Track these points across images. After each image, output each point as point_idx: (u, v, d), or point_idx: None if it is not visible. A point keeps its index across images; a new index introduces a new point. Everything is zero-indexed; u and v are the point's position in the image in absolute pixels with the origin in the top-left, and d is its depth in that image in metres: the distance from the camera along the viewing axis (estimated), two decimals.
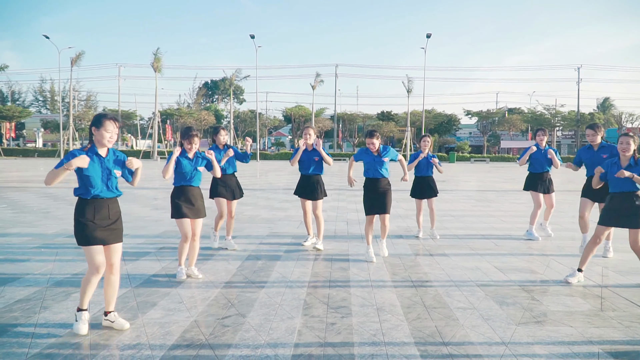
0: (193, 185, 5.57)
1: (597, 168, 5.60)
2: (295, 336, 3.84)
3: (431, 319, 4.25)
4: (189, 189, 5.53)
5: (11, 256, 6.54)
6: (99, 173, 3.81)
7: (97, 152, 3.83)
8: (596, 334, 3.94)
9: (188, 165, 5.49)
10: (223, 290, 5.09)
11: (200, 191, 5.66)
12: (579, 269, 5.48)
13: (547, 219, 8.32)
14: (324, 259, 6.55)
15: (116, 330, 3.93)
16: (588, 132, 6.87)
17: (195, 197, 5.54)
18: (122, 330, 3.89)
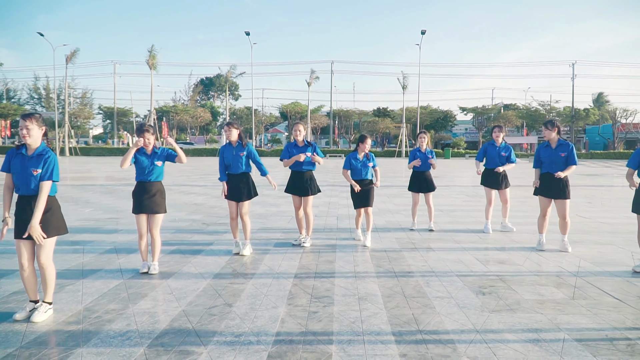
0: (152, 180, 5.65)
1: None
2: (278, 324, 4.04)
3: (409, 307, 4.45)
4: (146, 185, 5.63)
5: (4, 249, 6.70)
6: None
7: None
8: (564, 320, 4.15)
9: (145, 160, 5.62)
10: (212, 282, 5.27)
11: (160, 186, 5.71)
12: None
13: (505, 216, 8.45)
14: (312, 252, 6.74)
15: (106, 320, 4.11)
16: (543, 130, 6.95)
17: (152, 193, 5.60)
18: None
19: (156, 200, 5.63)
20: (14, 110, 71.27)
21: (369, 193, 7.36)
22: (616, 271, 5.80)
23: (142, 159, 5.62)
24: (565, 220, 6.79)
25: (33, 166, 4.12)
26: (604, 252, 6.84)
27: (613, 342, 3.69)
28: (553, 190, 6.75)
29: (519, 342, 3.67)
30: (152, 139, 5.61)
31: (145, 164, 5.61)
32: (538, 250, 6.89)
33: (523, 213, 10.71)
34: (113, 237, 7.80)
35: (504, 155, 8.19)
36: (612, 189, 17.34)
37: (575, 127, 70.52)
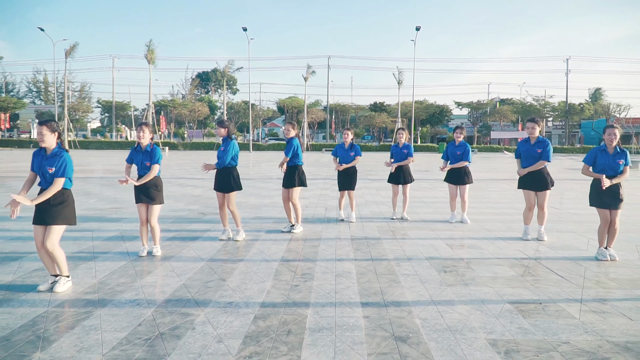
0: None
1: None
2: (264, 294, 4.75)
3: (378, 282, 5.17)
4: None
5: (25, 235, 7.40)
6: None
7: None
8: (509, 292, 4.87)
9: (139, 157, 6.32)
10: (208, 263, 5.98)
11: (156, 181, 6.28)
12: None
13: (464, 210, 9.00)
14: (299, 239, 7.45)
15: (118, 290, 4.82)
16: (528, 125, 7.39)
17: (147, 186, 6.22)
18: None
19: (152, 193, 6.28)
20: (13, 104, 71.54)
21: (351, 178, 8.97)
22: (569, 255, 6.52)
23: (136, 156, 6.31)
24: (543, 210, 7.36)
25: (49, 165, 4.81)
26: (564, 238, 7.57)
27: (545, 308, 4.41)
28: (535, 183, 7.26)
29: (465, 308, 4.39)
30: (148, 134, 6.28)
31: (137, 160, 6.30)
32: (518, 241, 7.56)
33: (500, 204, 11.43)
34: (118, 225, 8.50)
35: (458, 154, 8.95)
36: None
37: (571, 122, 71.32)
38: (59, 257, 4.84)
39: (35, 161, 4.93)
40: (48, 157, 4.86)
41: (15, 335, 3.74)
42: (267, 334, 3.78)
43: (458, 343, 3.63)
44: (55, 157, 4.85)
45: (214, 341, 3.64)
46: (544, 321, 4.09)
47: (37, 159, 4.93)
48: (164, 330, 3.83)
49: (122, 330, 3.83)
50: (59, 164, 4.81)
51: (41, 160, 4.87)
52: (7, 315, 4.14)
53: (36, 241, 4.81)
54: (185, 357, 3.37)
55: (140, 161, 6.27)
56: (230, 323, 4.00)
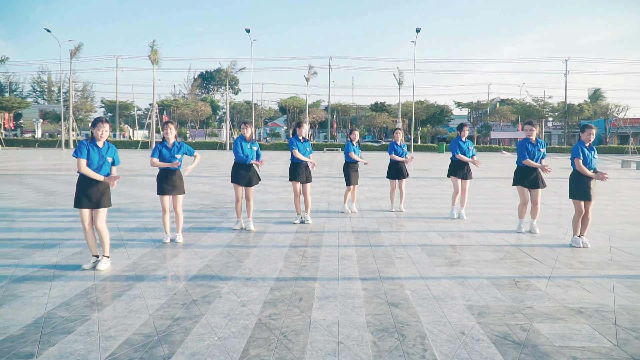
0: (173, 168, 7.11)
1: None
2: (277, 272, 5.52)
3: (375, 263, 5.94)
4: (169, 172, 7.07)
5: (55, 226, 8.17)
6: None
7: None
8: (488, 271, 5.64)
9: (167, 153, 7.06)
10: (226, 248, 6.75)
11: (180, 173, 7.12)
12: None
13: (463, 205, 9.63)
14: (305, 229, 8.22)
15: (150, 269, 5.60)
16: (527, 128, 8.03)
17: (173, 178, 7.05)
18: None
19: (177, 183, 7.09)
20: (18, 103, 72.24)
21: (358, 174, 10.14)
22: (547, 243, 7.28)
23: (165, 152, 7.07)
24: (536, 206, 8.06)
25: (109, 155, 5.61)
26: (546, 229, 8.33)
27: (517, 283, 5.18)
28: (530, 181, 7.92)
29: (449, 283, 5.16)
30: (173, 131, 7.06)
31: (167, 156, 7.06)
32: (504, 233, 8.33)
33: (492, 200, 12.19)
34: (138, 217, 9.27)
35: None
36: None
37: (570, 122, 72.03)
38: (106, 236, 5.64)
39: (90, 153, 5.55)
40: (105, 149, 5.64)
41: (74, 301, 4.51)
42: (282, 300, 4.56)
43: (440, 307, 4.40)
44: (110, 149, 5.65)
45: (239, 305, 4.41)
46: (514, 292, 4.86)
47: (93, 151, 5.57)
48: (196, 298, 4.61)
49: (161, 298, 4.60)
50: (115, 154, 5.72)
51: (98, 152, 5.59)
52: (62, 287, 4.91)
53: (84, 223, 5.57)
54: (217, 316, 4.14)
55: (170, 156, 7.03)
56: (251, 293, 4.77)
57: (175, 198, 7.11)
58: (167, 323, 3.99)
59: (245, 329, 3.88)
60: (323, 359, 3.35)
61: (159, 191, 7.10)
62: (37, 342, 3.60)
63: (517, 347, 3.57)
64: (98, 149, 5.62)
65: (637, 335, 3.81)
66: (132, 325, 3.95)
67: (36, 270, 5.53)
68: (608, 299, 4.69)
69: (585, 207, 6.99)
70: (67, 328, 3.88)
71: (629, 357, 3.41)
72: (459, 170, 9.51)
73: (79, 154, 5.51)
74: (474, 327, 3.93)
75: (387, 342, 3.64)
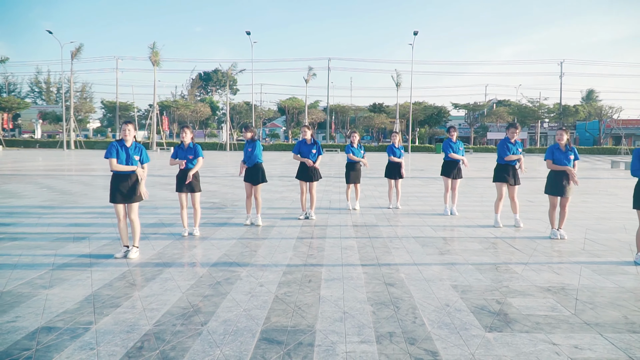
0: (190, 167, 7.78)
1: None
2: (288, 260, 6.27)
3: (374, 252, 6.69)
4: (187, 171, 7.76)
5: (81, 221, 8.91)
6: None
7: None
8: (473, 259, 6.39)
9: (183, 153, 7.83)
10: (240, 240, 7.50)
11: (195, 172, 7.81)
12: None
13: (454, 202, 10.36)
14: (309, 224, 8.96)
15: (175, 258, 6.34)
16: (512, 130, 8.72)
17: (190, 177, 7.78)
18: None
19: (193, 183, 7.82)
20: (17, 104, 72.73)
21: (358, 173, 10.77)
22: (529, 235, 8.04)
23: (180, 153, 7.81)
24: (514, 201, 8.88)
25: (135, 154, 6.33)
26: (530, 224, 9.09)
27: (497, 268, 5.93)
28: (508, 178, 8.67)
29: (438, 268, 5.91)
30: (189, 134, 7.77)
31: (182, 156, 7.79)
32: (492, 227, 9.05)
33: (483, 198, 12.96)
34: (155, 213, 10.01)
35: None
36: None
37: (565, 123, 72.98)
38: (138, 228, 6.41)
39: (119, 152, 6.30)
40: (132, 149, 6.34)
41: (115, 283, 5.26)
42: (294, 282, 5.31)
43: (430, 286, 5.15)
44: (136, 148, 6.36)
45: (258, 285, 5.16)
46: (494, 275, 5.62)
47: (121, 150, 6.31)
48: (220, 280, 5.35)
49: (190, 280, 5.35)
50: (143, 153, 6.36)
51: (126, 151, 6.33)
52: (101, 272, 5.65)
53: (119, 216, 6.31)
54: (240, 294, 4.89)
55: (184, 156, 7.76)
56: (267, 276, 5.52)
57: (193, 196, 7.84)
58: (198, 299, 4.73)
59: (265, 302, 4.63)
60: (332, 324, 4.10)
61: (177, 188, 7.83)
62: (92, 314, 4.34)
63: (491, 315, 4.33)
64: (126, 148, 6.36)
65: (593, 307, 4.57)
66: (170, 300, 4.69)
67: (74, 259, 6.27)
68: (574, 280, 5.45)
69: (561, 203, 7.74)
70: (115, 303, 4.62)
71: (582, 322, 4.17)
72: (450, 170, 10.24)
73: (109, 155, 6.25)
74: (457, 301, 4.69)
75: (385, 312, 4.39)
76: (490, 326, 4.07)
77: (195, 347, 3.62)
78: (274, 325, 4.06)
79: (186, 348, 3.60)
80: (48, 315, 4.27)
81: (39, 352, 3.52)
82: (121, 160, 6.28)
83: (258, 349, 3.60)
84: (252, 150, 8.65)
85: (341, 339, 3.77)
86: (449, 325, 4.08)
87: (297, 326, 4.04)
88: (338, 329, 3.98)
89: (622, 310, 4.51)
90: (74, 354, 3.49)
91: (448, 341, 3.75)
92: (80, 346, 3.63)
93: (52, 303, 4.59)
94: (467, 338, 3.81)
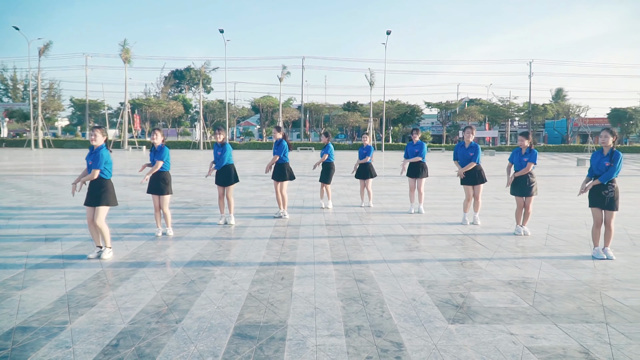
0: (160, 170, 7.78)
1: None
2: (261, 258, 6.41)
3: (345, 250, 6.88)
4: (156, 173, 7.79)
5: (51, 222, 8.86)
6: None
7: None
8: (440, 255, 6.64)
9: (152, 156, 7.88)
10: (213, 240, 7.59)
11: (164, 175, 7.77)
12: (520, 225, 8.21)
13: (421, 201, 10.60)
14: (282, 224, 9.10)
15: (149, 257, 6.41)
16: (467, 131, 9.07)
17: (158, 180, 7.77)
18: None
19: (160, 186, 7.85)
20: None
21: (327, 173, 10.92)
22: (495, 232, 8.35)
23: (150, 155, 7.87)
24: (478, 200, 9.19)
25: (89, 159, 6.36)
26: (496, 221, 9.42)
27: (463, 264, 6.19)
28: (471, 179, 8.98)
29: (407, 264, 6.13)
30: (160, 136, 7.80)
31: (151, 158, 7.85)
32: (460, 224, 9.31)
33: (453, 196, 13.31)
34: (128, 213, 10.01)
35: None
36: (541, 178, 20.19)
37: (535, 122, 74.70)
38: (105, 231, 6.40)
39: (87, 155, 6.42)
40: (94, 152, 6.37)
41: (88, 283, 5.31)
42: (267, 279, 5.45)
43: (398, 282, 5.36)
44: (94, 153, 6.38)
45: (231, 283, 5.29)
46: (459, 270, 5.86)
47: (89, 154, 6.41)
48: (194, 279, 5.46)
49: (164, 279, 5.44)
50: (97, 159, 6.36)
51: (90, 155, 6.37)
52: (74, 273, 5.69)
53: (88, 219, 6.35)
54: (214, 292, 5.01)
55: (152, 159, 7.81)
56: (240, 274, 5.65)
57: (162, 198, 7.87)
58: (173, 297, 4.84)
59: (238, 300, 4.76)
60: (303, 319, 4.26)
61: (148, 190, 7.87)
62: (67, 313, 4.40)
63: (455, 308, 4.55)
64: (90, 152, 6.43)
65: (550, 299, 4.85)
66: (144, 299, 4.78)
67: (47, 260, 6.28)
68: (534, 274, 5.73)
69: (526, 203, 8.06)
70: (90, 303, 4.69)
71: (538, 313, 4.43)
72: (412, 170, 10.51)
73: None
74: (424, 296, 4.90)
75: (354, 306, 4.58)
76: (453, 318, 4.29)
77: (170, 343, 3.74)
78: (247, 322, 4.20)
79: (161, 345, 3.71)
80: (23, 316, 4.32)
81: (15, 352, 3.59)
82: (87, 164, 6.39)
83: (231, 344, 3.73)
84: (221, 153, 8.74)
85: (312, 333, 3.94)
86: (414, 318, 4.29)
87: (270, 322, 4.19)
88: (309, 324, 4.14)
89: (577, 301, 4.79)
90: (50, 352, 3.57)
91: (413, 333, 3.95)
92: (56, 345, 3.70)
93: (26, 304, 4.64)
94: (431, 330, 4.02)
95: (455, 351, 3.63)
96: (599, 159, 6.62)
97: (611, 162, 6.46)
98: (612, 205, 6.51)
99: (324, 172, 11.04)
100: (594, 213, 6.66)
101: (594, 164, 6.66)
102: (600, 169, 6.56)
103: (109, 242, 6.50)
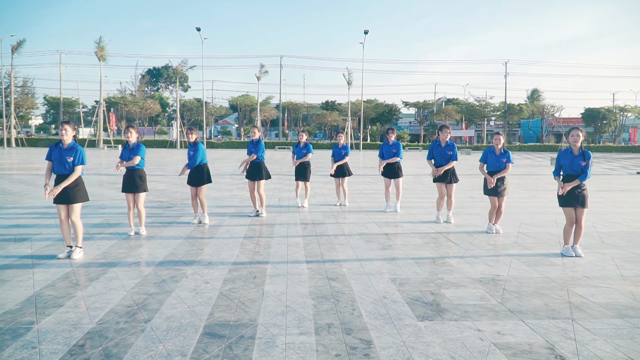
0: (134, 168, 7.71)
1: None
2: (234, 257, 6.38)
3: (319, 248, 6.90)
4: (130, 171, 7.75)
5: (21, 222, 8.68)
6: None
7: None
8: (413, 253, 6.71)
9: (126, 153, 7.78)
10: (186, 239, 7.53)
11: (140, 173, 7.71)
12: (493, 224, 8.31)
13: (398, 199, 10.73)
14: (258, 223, 9.08)
15: (121, 257, 6.34)
16: (444, 131, 9.23)
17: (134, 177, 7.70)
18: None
19: (137, 183, 7.77)
20: None
21: (305, 171, 10.89)
22: (468, 230, 8.46)
23: (124, 152, 7.77)
24: (451, 199, 9.31)
25: (68, 155, 6.24)
26: (469, 219, 9.55)
27: (435, 262, 6.26)
28: (444, 177, 9.09)
29: (380, 262, 6.18)
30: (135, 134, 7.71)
31: (125, 156, 7.76)
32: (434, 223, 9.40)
33: (426, 195, 13.45)
34: (101, 212, 9.86)
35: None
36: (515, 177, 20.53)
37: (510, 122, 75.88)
38: (80, 229, 6.31)
39: (53, 152, 6.29)
40: (67, 149, 6.25)
41: (57, 283, 5.22)
42: (240, 278, 5.43)
43: (370, 280, 5.40)
44: (72, 149, 6.26)
45: (203, 282, 5.26)
46: (431, 268, 5.93)
47: (55, 151, 6.29)
48: (165, 278, 5.42)
49: (135, 279, 5.38)
50: (77, 155, 6.24)
51: (60, 152, 6.26)
52: (43, 273, 5.60)
53: (60, 217, 6.24)
54: (185, 291, 4.97)
55: (127, 156, 7.72)
56: (212, 273, 5.62)
57: (137, 196, 7.79)
58: (143, 297, 4.79)
59: (209, 299, 4.74)
60: (274, 317, 4.26)
61: (123, 189, 7.78)
62: (34, 314, 4.33)
63: (425, 305, 4.61)
64: (60, 149, 6.29)
65: (518, 296, 4.94)
66: (114, 299, 4.72)
67: (15, 260, 6.16)
68: (504, 271, 5.84)
69: (499, 202, 8.18)
70: (58, 303, 4.61)
71: (506, 310, 4.51)
72: (388, 170, 10.59)
73: (47, 157, 6.36)
74: (394, 293, 4.95)
75: (325, 305, 4.60)
76: (423, 316, 4.34)
77: (138, 343, 3.70)
78: (217, 320, 4.18)
79: (129, 344, 3.68)
80: None
81: None
82: (55, 162, 6.24)
83: (200, 343, 3.72)
84: (194, 153, 8.69)
85: (282, 332, 3.95)
86: (384, 315, 4.33)
87: (240, 320, 4.19)
88: (279, 322, 4.15)
89: (544, 298, 4.90)
90: (15, 353, 3.51)
91: (382, 330, 3.99)
92: (21, 345, 3.64)
93: None
94: (400, 327, 4.06)
95: (423, 348, 3.68)
96: (571, 158, 6.74)
97: (586, 161, 6.60)
98: (585, 202, 6.65)
99: (303, 171, 10.99)
100: (567, 212, 6.77)
101: (567, 163, 6.75)
102: (575, 168, 6.68)
103: (80, 240, 6.40)
